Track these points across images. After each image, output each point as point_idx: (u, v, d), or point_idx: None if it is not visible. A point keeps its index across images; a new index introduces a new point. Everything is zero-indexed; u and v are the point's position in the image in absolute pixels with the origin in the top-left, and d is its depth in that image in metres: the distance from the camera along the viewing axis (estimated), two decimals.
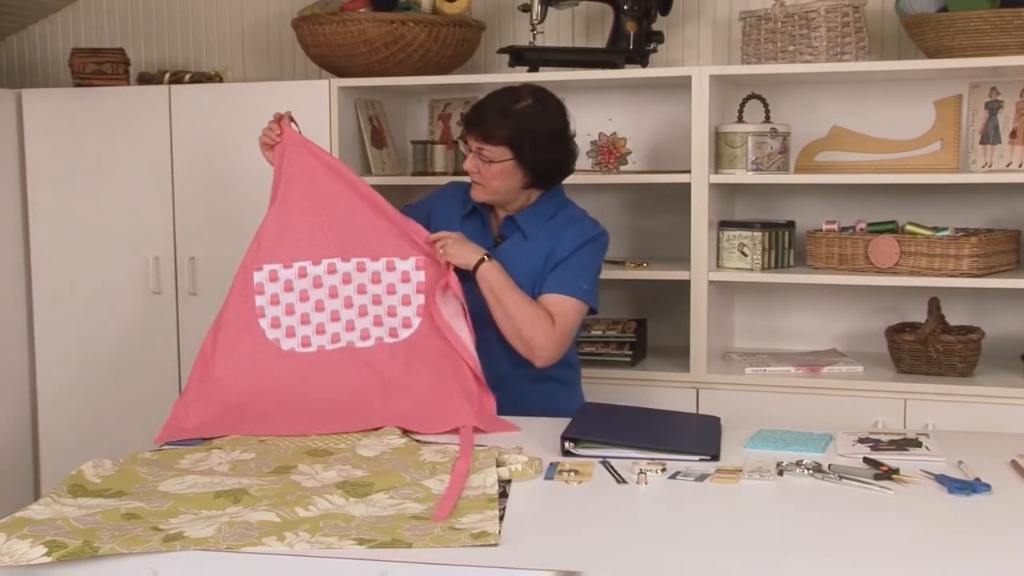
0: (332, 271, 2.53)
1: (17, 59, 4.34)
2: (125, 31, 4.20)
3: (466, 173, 2.62)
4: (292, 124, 2.63)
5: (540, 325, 2.49)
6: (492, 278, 2.50)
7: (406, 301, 2.53)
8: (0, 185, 3.70)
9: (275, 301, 2.51)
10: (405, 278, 2.54)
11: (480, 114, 2.56)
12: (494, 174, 2.55)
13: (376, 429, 2.33)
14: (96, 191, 3.71)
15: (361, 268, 2.54)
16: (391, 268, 2.54)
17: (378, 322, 2.52)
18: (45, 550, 1.65)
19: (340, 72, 3.52)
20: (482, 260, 2.50)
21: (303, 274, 2.52)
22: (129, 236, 3.69)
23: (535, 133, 2.54)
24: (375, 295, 2.53)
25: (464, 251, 2.51)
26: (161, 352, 3.69)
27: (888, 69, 3.16)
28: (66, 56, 3.87)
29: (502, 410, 2.44)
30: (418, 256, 2.54)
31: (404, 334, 2.52)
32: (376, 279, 2.54)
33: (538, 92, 2.62)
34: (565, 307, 2.53)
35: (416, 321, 2.52)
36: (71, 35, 4.25)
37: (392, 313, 2.52)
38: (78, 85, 3.72)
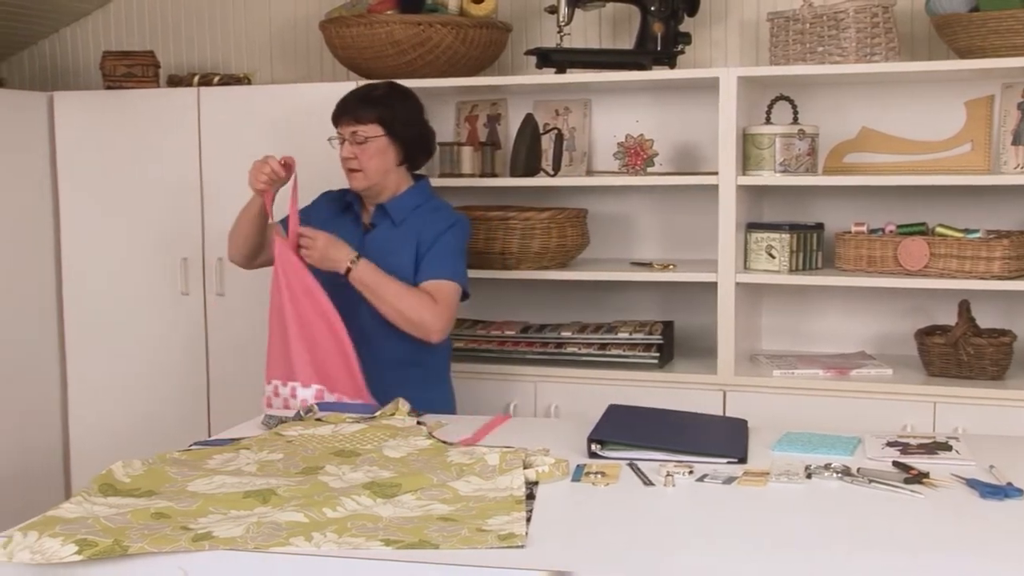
0: (293, 394, 2.68)
1: (49, 62, 4.38)
2: (155, 34, 4.23)
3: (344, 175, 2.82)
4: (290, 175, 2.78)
5: (424, 306, 2.70)
6: (365, 277, 2.69)
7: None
8: (32, 186, 3.74)
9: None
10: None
11: (347, 103, 2.84)
12: (370, 154, 2.79)
13: (401, 429, 2.34)
14: (126, 192, 3.73)
15: (319, 397, 2.67)
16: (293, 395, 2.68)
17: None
18: (76, 548, 1.66)
19: (367, 74, 3.53)
20: (353, 263, 2.68)
21: (276, 392, 2.71)
22: (158, 237, 3.72)
23: (399, 109, 2.83)
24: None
25: (330, 257, 2.69)
26: (190, 352, 3.71)
27: (918, 70, 3.14)
28: (97, 59, 3.90)
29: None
30: (320, 386, 2.67)
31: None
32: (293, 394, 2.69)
33: (390, 82, 2.98)
34: (443, 288, 2.75)
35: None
36: (102, 38, 4.29)
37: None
38: (109, 88, 3.75)
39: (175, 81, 3.80)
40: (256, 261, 2.92)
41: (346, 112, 2.82)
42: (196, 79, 3.72)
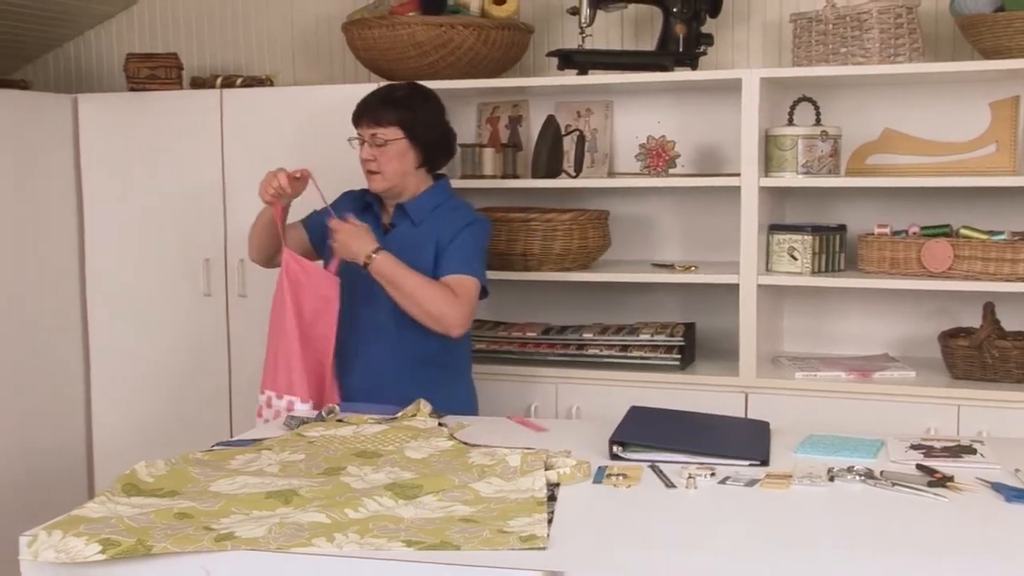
0: (289, 408, 2.69)
1: (73, 65, 4.41)
2: (178, 36, 4.25)
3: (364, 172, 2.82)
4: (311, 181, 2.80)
5: (444, 299, 2.68)
6: (385, 269, 2.67)
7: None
8: (56, 188, 3.77)
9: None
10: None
11: (368, 104, 2.82)
12: (390, 156, 2.78)
13: (423, 430, 2.34)
14: (149, 194, 3.75)
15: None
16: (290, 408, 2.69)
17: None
18: (100, 548, 1.67)
19: (389, 75, 3.54)
20: (370, 257, 2.67)
21: (268, 403, 2.75)
22: (180, 238, 3.73)
23: (420, 112, 2.82)
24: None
25: (353, 247, 2.68)
26: (212, 353, 3.73)
27: (942, 70, 3.12)
28: (121, 61, 3.92)
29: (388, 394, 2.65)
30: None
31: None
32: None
33: (412, 83, 2.96)
34: (463, 283, 2.73)
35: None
36: (126, 41, 4.31)
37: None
38: (132, 90, 3.77)
39: (198, 83, 3.81)
40: (274, 262, 2.93)
41: (366, 114, 2.82)
42: (219, 81, 3.74)
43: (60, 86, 4.40)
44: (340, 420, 2.45)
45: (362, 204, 2.93)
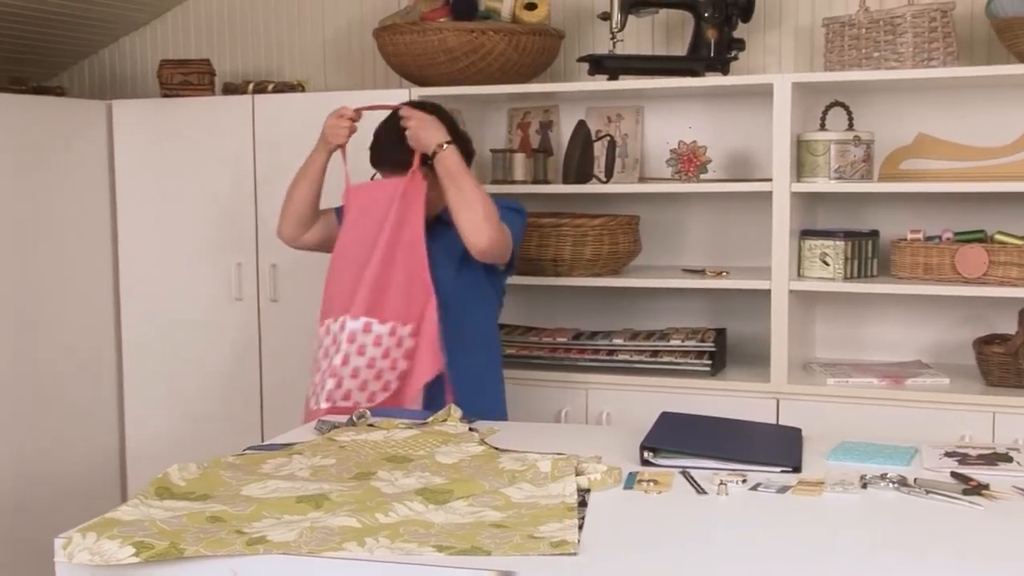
0: (342, 328, 2.65)
1: (108, 71, 4.46)
2: (211, 42, 4.28)
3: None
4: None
5: (493, 210, 2.65)
6: (452, 160, 2.65)
7: (393, 366, 2.67)
8: (91, 192, 3.80)
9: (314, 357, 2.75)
10: (399, 343, 2.67)
11: (383, 152, 2.77)
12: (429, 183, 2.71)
13: (454, 435, 2.34)
14: (181, 198, 3.78)
15: (367, 329, 2.64)
16: (392, 333, 2.65)
17: (362, 387, 2.67)
18: (133, 551, 1.68)
19: (420, 81, 3.55)
20: (441, 146, 2.65)
21: (327, 331, 2.70)
22: (213, 243, 3.76)
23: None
24: (371, 358, 2.65)
25: (423, 137, 2.66)
26: (243, 358, 3.75)
27: (978, 74, 3.09)
28: (154, 68, 3.96)
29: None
30: (415, 323, 2.66)
31: (380, 398, 2.68)
32: (377, 342, 2.65)
33: (406, 106, 2.78)
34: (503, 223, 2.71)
35: (395, 386, 2.68)
36: (159, 47, 4.35)
37: (378, 377, 2.67)
38: (165, 95, 3.80)
39: (230, 89, 3.84)
40: (308, 233, 2.91)
41: (384, 163, 2.78)
42: (251, 87, 3.77)
43: (95, 92, 4.44)
44: (371, 425, 2.46)
45: None
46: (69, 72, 4.51)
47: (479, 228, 2.64)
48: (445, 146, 2.66)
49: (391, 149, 2.76)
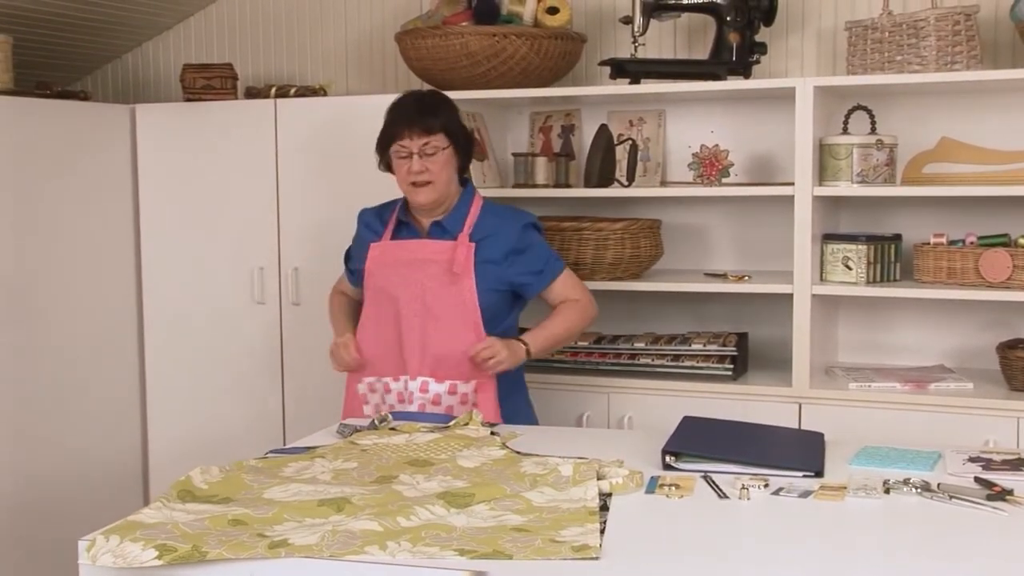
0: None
1: (131, 76, 4.48)
2: (233, 47, 4.30)
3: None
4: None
5: (578, 311, 2.83)
6: (540, 345, 2.79)
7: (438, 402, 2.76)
8: (114, 196, 3.83)
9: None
10: (460, 397, 2.76)
11: (410, 115, 2.75)
12: (440, 164, 2.74)
13: (475, 439, 2.34)
14: (204, 202, 3.80)
15: (424, 389, 2.74)
16: (452, 392, 2.74)
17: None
18: (156, 553, 1.69)
19: (442, 85, 3.55)
20: (527, 352, 2.75)
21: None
22: (235, 246, 3.77)
23: (453, 115, 2.80)
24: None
25: (512, 358, 2.71)
26: (265, 361, 3.76)
27: (1002, 78, 3.08)
28: (177, 72, 3.98)
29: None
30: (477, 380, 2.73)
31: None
32: (436, 401, 2.74)
33: (433, 90, 2.95)
34: (567, 282, 2.85)
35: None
36: (182, 52, 4.38)
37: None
38: (188, 100, 3.82)
39: (252, 93, 3.86)
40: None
41: (413, 124, 2.73)
42: (273, 91, 3.78)
43: (119, 97, 4.47)
44: (393, 429, 2.46)
45: (382, 221, 2.87)
46: (93, 77, 4.54)
47: (587, 327, 2.92)
48: (526, 345, 2.75)
49: (425, 111, 2.76)
